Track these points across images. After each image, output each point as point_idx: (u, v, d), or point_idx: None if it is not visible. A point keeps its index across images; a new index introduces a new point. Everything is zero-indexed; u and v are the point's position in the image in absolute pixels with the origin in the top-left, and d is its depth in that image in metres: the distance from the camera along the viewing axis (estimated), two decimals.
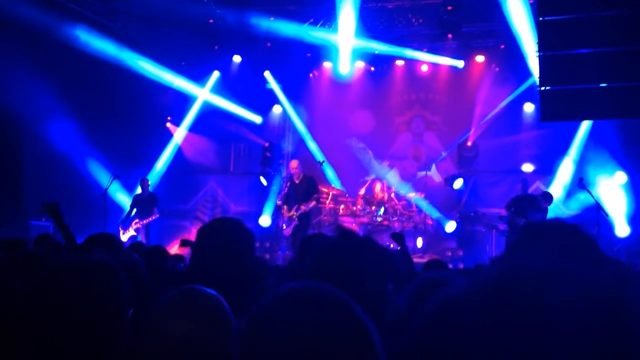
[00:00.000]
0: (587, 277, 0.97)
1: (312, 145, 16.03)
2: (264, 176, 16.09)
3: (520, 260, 1.02)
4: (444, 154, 15.71)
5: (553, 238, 2.12)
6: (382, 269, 2.26)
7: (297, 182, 12.44)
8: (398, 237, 6.13)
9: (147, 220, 12.91)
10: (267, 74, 16.50)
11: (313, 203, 12.30)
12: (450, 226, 14.45)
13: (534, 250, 2.06)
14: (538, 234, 2.20)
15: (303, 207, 12.20)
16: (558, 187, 13.75)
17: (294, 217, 12.24)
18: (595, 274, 0.99)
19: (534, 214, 11.09)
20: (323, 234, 8.63)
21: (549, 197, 11.32)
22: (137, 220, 12.98)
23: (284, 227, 12.51)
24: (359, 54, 15.33)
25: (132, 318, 2.29)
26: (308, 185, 12.35)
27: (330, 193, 14.26)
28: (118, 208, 14.27)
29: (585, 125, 13.83)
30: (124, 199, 14.47)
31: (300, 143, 16.41)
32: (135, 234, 12.83)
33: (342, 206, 14.19)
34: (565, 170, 13.87)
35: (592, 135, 13.76)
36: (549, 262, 1.00)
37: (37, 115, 12.42)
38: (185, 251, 8.32)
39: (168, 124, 16.65)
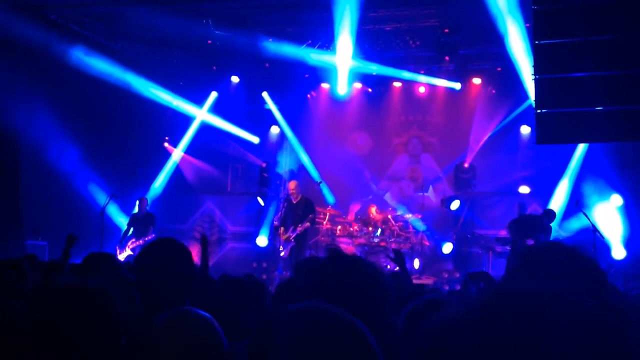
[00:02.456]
0: (585, 302, 0.98)
1: (310, 166, 16.05)
2: (261, 196, 16.07)
3: (517, 284, 1.02)
4: (441, 175, 15.73)
5: (553, 261, 2.10)
6: (374, 290, 2.26)
7: (294, 202, 12.45)
8: (397, 256, 5.76)
9: (143, 240, 12.86)
10: (265, 95, 16.54)
11: (307, 224, 12.30)
12: (447, 248, 14.43)
13: (534, 273, 2.05)
14: (538, 257, 2.18)
15: (299, 228, 12.20)
16: (554, 209, 13.75)
17: (290, 239, 12.24)
18: (593, 298, 0.99)
19: (539, 234, 11.02)
20: (316, 256, 8.54)
21: (551, 215, 11.15)
22: (133, 240, 12.93)
23: (281, 249, 12.48)
24: (356, 76, 15.37)
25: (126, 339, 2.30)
26: (305, 207, 12.35)
27: (327, 214, 14.25)
28: (116, 228, 14.22)
29: (581, 148, 13.88)
30: (123, 220, 14.43)
31: (298, 164, 16.42)
32: (132, 253, 12.77)
33: (339, 227, 14.18)
34: (562, 193, 13.90)
35: (587, 157, 13.80)
36: (545, 287, 1.00)
37: (36, 135, 12.44)
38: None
39: (165, 144, 16.66)
